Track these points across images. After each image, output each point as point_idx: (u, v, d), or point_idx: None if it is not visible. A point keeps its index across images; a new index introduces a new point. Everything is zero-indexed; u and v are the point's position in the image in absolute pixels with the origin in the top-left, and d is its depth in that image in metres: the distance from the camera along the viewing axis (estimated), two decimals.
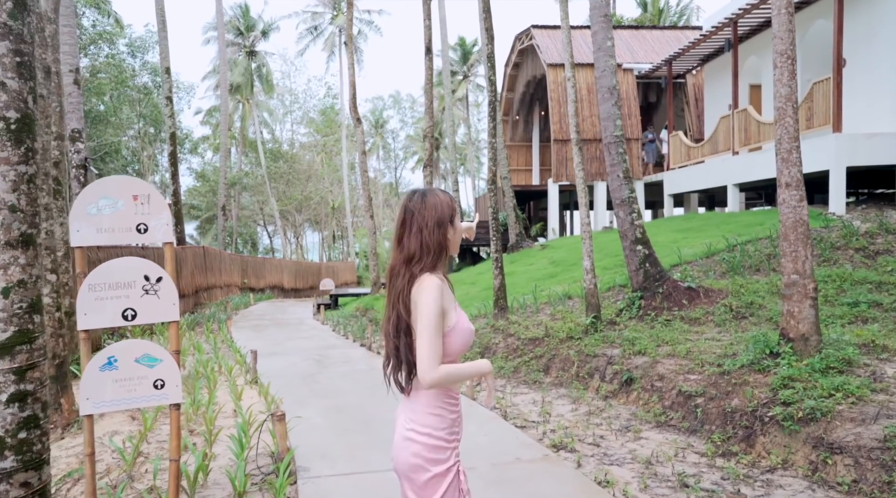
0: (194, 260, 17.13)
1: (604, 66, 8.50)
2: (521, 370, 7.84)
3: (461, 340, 2.04)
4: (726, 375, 5.51)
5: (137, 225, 2.92)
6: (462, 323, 2.06)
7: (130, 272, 2.89)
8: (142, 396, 2.91)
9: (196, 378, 7.31)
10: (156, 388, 2.93)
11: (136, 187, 2.92)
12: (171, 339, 3.01)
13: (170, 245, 2.99)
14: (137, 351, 2.91)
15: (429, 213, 2.10)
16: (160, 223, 2.96)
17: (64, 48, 11.34)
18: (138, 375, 2.90)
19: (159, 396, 2.94)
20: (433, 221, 2.09)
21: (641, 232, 8.48)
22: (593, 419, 5.84)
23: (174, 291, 2.97)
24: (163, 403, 2.97)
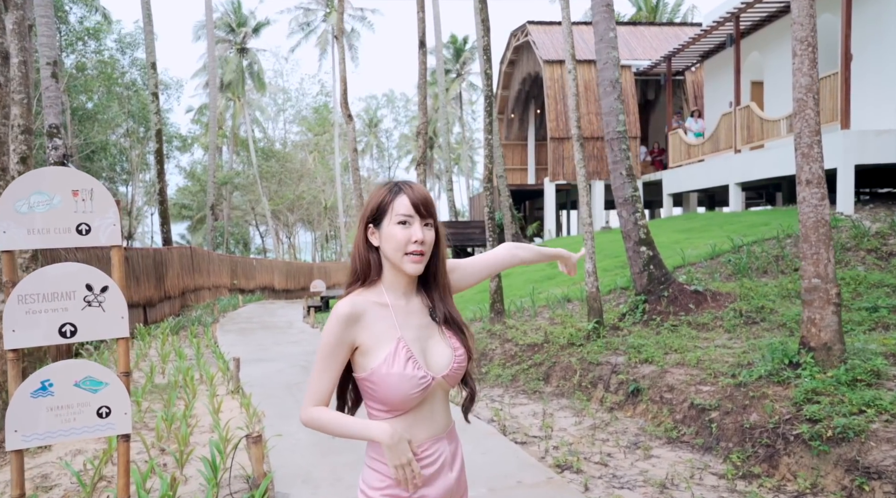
0: (181, 261, 16.64)
1: (606, 58, 8.09)
2: (520, 378, 7.42)
3: (388, 389, 1.58)
4: (742, 387, 5.11)
5: (78, 225, 2.49)
6: (390, 368, 1.57)
7: (70, 281, 2.45)
8: (83, 426, 2.47)
9: (174, 388, 6.85)
10: (100, 416, 2.49)
11: (76, 181, 2.48)
12: (119, 358, 2.58)
13: (118, 249, 2.55)
14: (78, 373, 2.48)
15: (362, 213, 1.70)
16: (105, 223, 2.52)
17: (41, 40, 10.87)
18: (79, 402, 2.46)
19: (104, 427, 2.50)
20: (360, 223, 1.69)
21: (645, 232, 8.08)
22: (599, 434, 5.43)
23: (122, 303, 2.53)
24: (108, 435, 2.53)
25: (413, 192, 1.64)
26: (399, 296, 1.68)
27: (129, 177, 32.96)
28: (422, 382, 1.59)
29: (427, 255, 1.64)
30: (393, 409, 1.61)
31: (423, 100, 11.55)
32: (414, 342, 1.63)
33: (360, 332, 1.61)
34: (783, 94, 13.28)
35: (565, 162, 18.53)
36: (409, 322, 1.65)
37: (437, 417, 1.68)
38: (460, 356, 1.68)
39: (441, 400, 1.69)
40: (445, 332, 1.70)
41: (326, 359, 1.61)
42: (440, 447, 1.68)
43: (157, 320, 14.11)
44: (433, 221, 1.66)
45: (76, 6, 25.76)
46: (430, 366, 1.64)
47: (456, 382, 1.71)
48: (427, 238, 1.63)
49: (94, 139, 26.49)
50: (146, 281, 13.60)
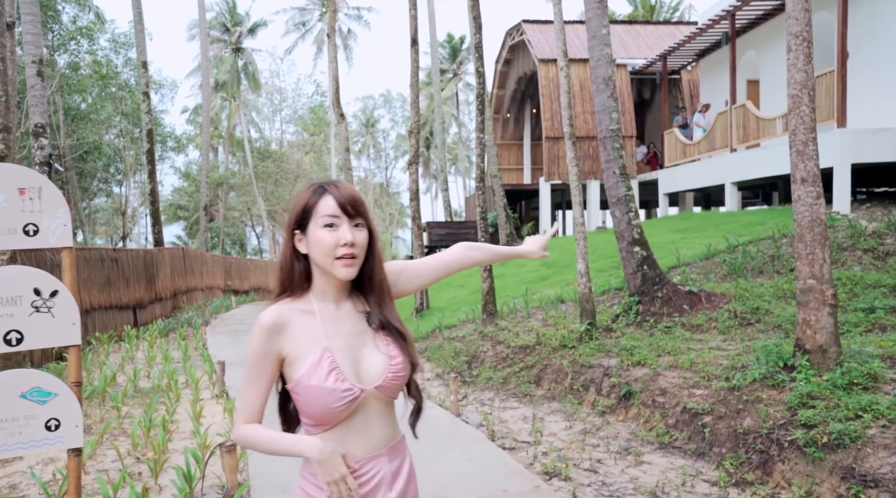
0: (172, 262, 16.48)
1: (599, 55, 7.96)
2: (511, 381, 7.28)
3: (310, 402, 1.48)
4: (736, 391, 4.97)
5: (25, 226, 2.34)
6: (311, 380, 1.47)
7: (15, 285, 2.30)
8: (29, 440, 2.32)
9: (157, 392, 6.70)
10: (49, 429, 2.34)
11: (22, 178, 2.33)
12: (70, 368, 2.43)
13: (69, 251, 2.40)
14: (24, 384, 2.33)
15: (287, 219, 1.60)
16: (55, 224, 2.37)
17: (27, 38, 10.72)
18: (25, 414, 2.32)
19: (53, 440, 2.35)
20: (286, 231, 1.59)
21: (639, 232, 7.95)
22: (589, 439, 5.29)
23: (74, 309, 2.39)
24: (58, 449, 2.39)
25: (339, 191, 1.54)
26: (329, 302, 1.58)
27: (123, 178, 32.78)
28: (345, 396, 1.48)
29: (360, 257, 1.54)
30: (319, 422, 1.51)
31: (415, 99, 11.41)
32: (343, 351, 1.52)
33: (285, 342, 1.52)
34: (779, 92, 13.16)
35: (560, 162, 18.40)
36: (338, 330, 1.55)
37: (372, 433, 1.56)
38: (397, 365, 1.56)
39: (378, 414, 1.57)
40: (383, 339, 1.59)
41: (253, 373, 1.53)
42: (377, 465, 1.56)
43: (148, 322, 13.95)
44: (364, 221, 1.56)
45: (69, 5, 25.58)
46: (362, 376, 1.53)
47: (394, 394, 1.59)
48: (358, 239, 1.52)
49: (88, 139, 26.30)
50: (136, 282, 13.44)
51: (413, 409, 1.68)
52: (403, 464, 1.63)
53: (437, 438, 5.35)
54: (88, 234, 33.73)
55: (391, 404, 1.60)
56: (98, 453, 4.94)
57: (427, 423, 5.83)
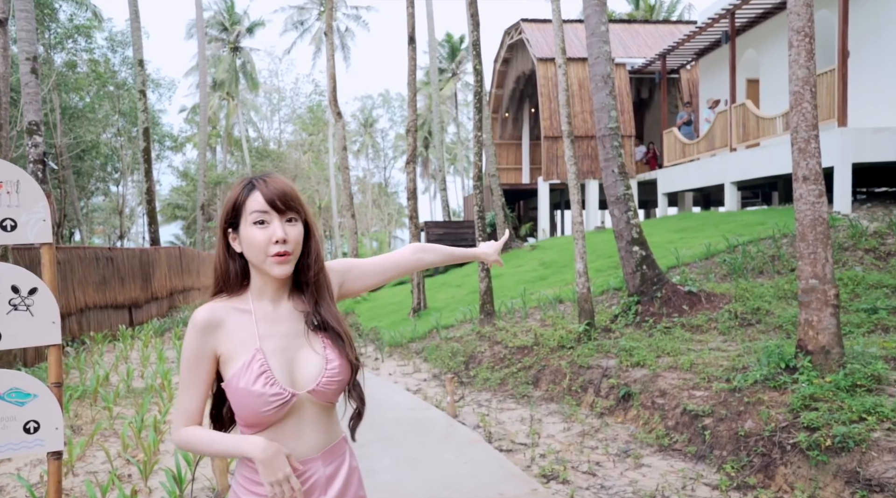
0: (168, 261, 16.39)
1: (598, 52, 7.88)
2: (509, 382, 7.20)
3: (239, 404, 1.44)
4: (737, 393, 4.89)
5: (2, 221, 2.25)
6: (240, 382, 1.42)
7: None
8: (7, 443, 2.23)
9: (150, 393, 6.61)
10: (27, 432, 2.26)
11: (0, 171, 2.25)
12: (50, 368, 2.34)
13: (48, 247, 2.32)
14: (1, 384, 2.24)
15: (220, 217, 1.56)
16: (34, 218, 2.28)
17: (20, 34, 10.61)
18: (3, 417, 2.23)
19: (32, 443, 2.27)
20: (219, 229, 1.55)
21: (638, 232, 7.87)
22: (588, 441, 5.21)
23: (54, 306, 2.30)
24: (37, 452, 2.30)
25: (267, 186, 1.48)
26: (266, 301, 1.53)
27: (120, 177, 32.66)
28: (273, 400, 1.43)
29: (295, 253, 1.49)
30: (250, 425, 1.46)
31: (412, 97, 11.33)
32: (276, 353, 1.47)
33: (220, 340, 1.47)
34: (779, 91, 13.09)
35: (559, 161, 18.32)
36: (273, 330, 1.50)
37: (306, 436, 1.50)
38: (333, 369, 1.50)
39: (314, 417, 1.51)
40: (322, 341, 1.53)
41: (189, 373, 1.48)
42: (312, 468, 1.50)
43: (143, 321, 13.86)
44: (298, 215, 1.50)
45: (66, 3, 25.46)
46: (296, 379, 1.48)
47: (330, 398, 1.52)
48: (291, 235, 1.46)
49: (85, 138, 26.18)
50: (132, 282, 13.34)
51: (353, 413, 1.62)
52: (341, 467, 1.58)
53: (432, 440, 5.27)
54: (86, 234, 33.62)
55: (329, 408, 1.55)
56: (88, 455, 4.85)
57: (423, 424, 5.76)
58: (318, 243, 1.57)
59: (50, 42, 24.78)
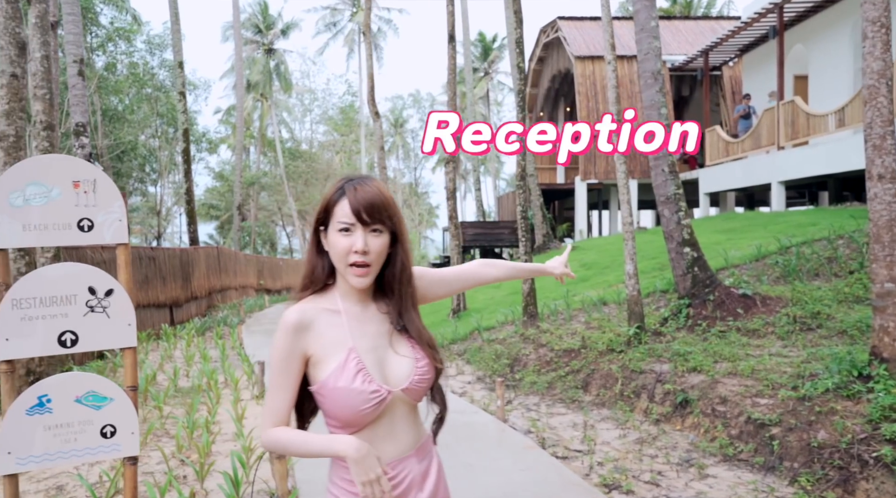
0: (207, 261, 16.56)
1: (647, 48, 7.68)
2: (557, 386, 7.04)
3: (336, 404, 1.45)
4: (806, 401, 4.67)
5: (79, 221, 2.20)
6: (338, 381, 1.44)
7: (70, 283, 2.17)
8: (84, 447, 2.18)
9: (197, 392, 6.62)
10: (104, 436, 2.20)
11: (77, 170, 2.19)
12: (126, 371, 2.28)
13: (124, 247, 2.26)
14: (79, 387, 2.19)
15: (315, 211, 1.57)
16: (110, 218, 2.23)
17: (68, 38, 10.80)
18: (80, 420, 2.18)
19: (109, 448, 2.21)
20: (312, 225, 1.58)
21: (689, 232, 7.65)
22: (646, 449, 5.04)
23: (130, 308, 2.24)
24: (113, 457, 2.24)
25: (356, 195, 1.47)
26: (354, 302, 1.54)
27: (158, 177, 33.24)
28: (373, 397, 1.45)
29: (375, 265, 1.49)
30: (346, 425, 1.48)
31: (452, 96, 11.23)
32: (368, 352, 1.50)
33: (310, 341, 1.48)
34: (830, 88, 12.68)
35: (597, 160, 18.05)
36: (364, 330, 1.52)
37: (400, 435, 1.54)
38: (422, 368, 1.53)
39: (405, 415, 1.54)
40: (408, 341, 1.56)
41: (279, 374, 1.48)
42: (406, 467, 1.53)
43: (184, 321, 14.01)
44: (384, 226, 1.49)
45: (107, 7, 25.98)
46: (388, 378, 1.50)
47: (419, 397, 1.56)
48: (373, 247, 1.47)
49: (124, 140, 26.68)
50: (172, 281, 13.50)
51: (437, 417, 1.65)
52: (432, 464, 1.61)
53: (485, 445, 5.16)
54: None
55: (416, 406, 1.58)
56: (142, 455, 4.84)
57: (473, 428, 5.64)
58: (407, 254, 1.56)
59: (91, 45, 25.32)
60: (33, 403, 2.14)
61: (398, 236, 1.53)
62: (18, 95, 4.57)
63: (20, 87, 4.61)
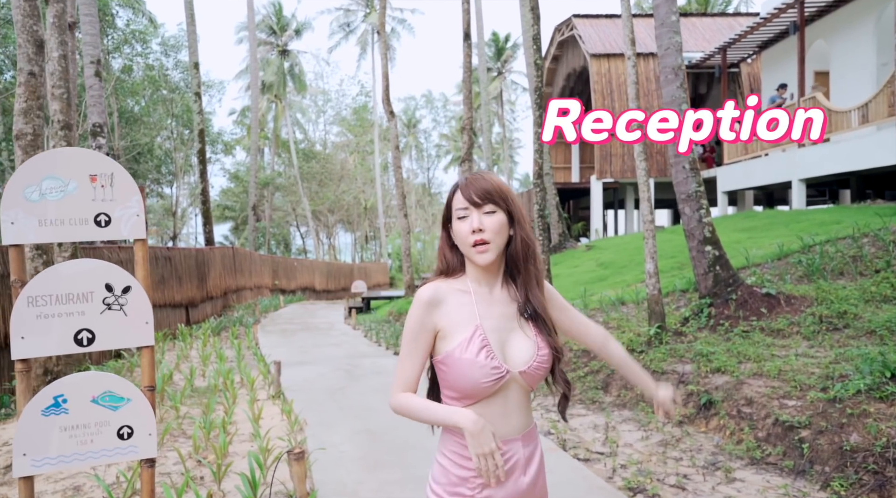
0: (223, 261, 16.60)
1: (668, 43, 7.55)
2: (576, 386, 6.93)
3: (458, 374, 1.55)
4: (837, 403, 4.53)
5: (96, 216, 2.14)
6: (463, 353, 1.54)
7: (87, 280, 2.11)
8: (101, 449, 2.12)
9: (213, 392, 6.59)
10: (121, 438, 2.14)
11: (94, 164, 2.13)
12: (143, 371, 2.22)
13: (142, 243, 2.20)
14: (95, 387, 2.13)
15: None
16: (128, 213, 2.17)
17: (85, 38, 10.84)
18: (96, 421, 2.12)
19: (126, 450, 2.15)
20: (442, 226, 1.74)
21: (711, 231, 7.51)
22: (670, 452, 4.92)
23: (147, 306, 2.18)
24: (130, 459, 2.18)
25: (467, 184, 1.62)
26: (483, 285, 1.64)
27: (173, 179, 33.46)
28: (494, 373, 1.54)
29: (494, 242, 1.59)
30: (464, 396, 1.57)
31: (467, 94, 11.15)
32: (493, 332, 1.59)
33: (441, 316, 1.59)
34: (852, 83, 12.45)
35: (613, 159, 17.89)
36: (490, 311, 1.61)
37: (511, 416, 1.61)
38: (543, 355, 1.62)
39: (518, 398, 1.62)
40: (532, 328, 1.65)
41: (410, 344, 1.60)
42: (513, 448, 1.60)
43: (200, 320, 14.04)
44: (498, 207, 1.61)
45: (123, 9, 26.16)
46: (508, 359, 1.59)
47: (535, 382, 1.63)
48: (487, 224, 1.58)
49: (141, 141, 26.87)
50: (188, 281, 13.53)
51: (562, 395, 1.74)
52: (536, 450, 1.68)
53: None
54: None
55: (528, 393, 1.64)
56: (159, 455, 4.81)
57: None
58: (527, 233, 1.65)
59: (108, 48, 25.51)
60: (49, 403, 2.09)
61: (515, 217, 1.63)
62: (36, 93, 4.55)
63: (38, 85, 4.60)
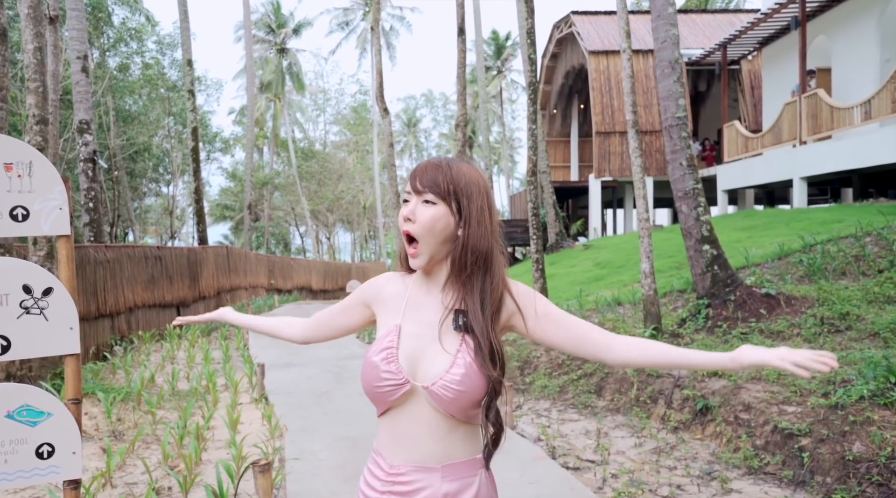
0: (216, 260, 16.39)
1: (664, 36, 7.32)
2: (569, 390, 6.72)
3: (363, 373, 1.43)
4: (839, 410, 4.31)
5: (12, 209, 1.92)
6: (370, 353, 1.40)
7: (1, 281, 1.89)
8: (16, 470, 1.91)
9: (194, 396, 6.38)
10: (40, 457, 1.93)
11: (8, 152, 1.92)
12: (67, 382, 2.01)
13: (65, 240, 1.98)
14: (11, 401, 1.92)
15: None
16: (49, 206, 1.95)
17: (71, 33, 10.65)
18: (11, 439, 1.90)
19: (46, 470, 1.94)
20: None
21: (709, 229, 7.28)
22: (664, 460, 4.70)
23: (72, 310, 1.97)
24: (51, 481, 1.97)
25: (419, 167, 1.42)
26: (420, 285, 1.46)
27: (171, 178, 33.26)
28: (386, 377, 1.36)
29: (424, 239, 1.36)
30: (370, 398, 1.42)
31: (462, 90, 10.92)
32: (411, 338, 1.39)
33: (378, 304, 1.51)
34: (853, 80, 12.21)
35: (612, 157, 17.66)
36: (417, 315, 1.42)
37: (420, 439, 1.37)
38: (454, 376, 1.32)
39: (430, 421, 1.37)
40: (461, 344, 1.35)
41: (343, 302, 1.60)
42: (424, 479, 1.36)
43: None
44: (440, 199, 1.36)
45: (119, 7, 25.95)
46: (416, 370, 1.36)
47: (449, 407, 1.34)
48: (419, 215, 1.36)
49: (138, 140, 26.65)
50: (180, 281, 13.33)
51: (490, 437, 1.44)
52: (465, 490, 1.38)
53: None
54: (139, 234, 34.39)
55: (449, 419, 1.37)
56: (128, 463, 4.60)
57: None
58: (479, 237, 1.38)
59: (104, 45, 25.31)
60: None
61: (464, 216, 1.37)
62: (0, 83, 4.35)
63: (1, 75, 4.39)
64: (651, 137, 17.80)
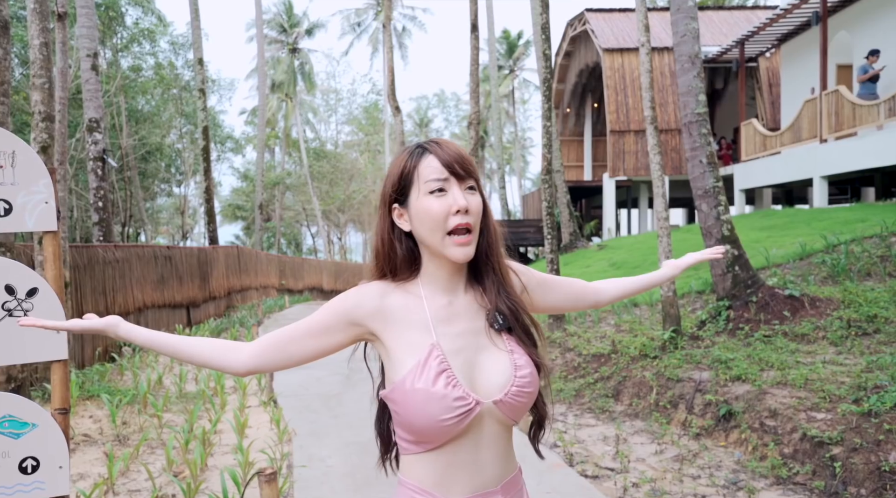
0: (227, 260, 16.33)
1: (684, 29, 7.12)
2: (585, 394, 6.53)
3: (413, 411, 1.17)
4: (872, 417, 4.10)
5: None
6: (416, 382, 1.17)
7: None
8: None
9: (201, 399, 6.25)
10: (24, 472, 1.78)
11: None
12: (54, 390, 1.86)
13: (52, 236, 1.83)
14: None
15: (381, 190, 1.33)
16: (33, 200, 1.80)
17: (81, 31, 10.59)
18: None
19: (30, 486, 1.79)
20: (381, 205, 1.32)
21: (729, 229, 7.07)
22: (687, 468, 4.51)
23: (59, 311, 1.82)
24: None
25: (442, 149, 1.23)
26: (439, 293, 1.27)
27: (183, 178, 33.35)
28: (458, 405, 1.17)
29: (476, 230, 1.22)
30: (421, 439, 1.20)
31: (474, 88, 10.76)
32: (455, 353, 1.22)
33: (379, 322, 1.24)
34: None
35: (626, 156, 17.41)
36: (451, 326, 1.24)
37: (484, 463, 1.24)
38: (523, 378, 1.23)
39: (495, 438, 1.24)
40: (507, 342, 1.26)
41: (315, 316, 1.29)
42: None
43: (201, 321, 13.77)
44: (478, 185, 1.25)
45: (132, 8, 26.02)
46: (477, 386, 1.22)
47: (518, 414, 1.25)
48: (473, 205, 1.21)
49: (150, 140, 26.70)
50: (190, 281, 13.25)
51: (534, 422, 1.40)
52: None
53: None
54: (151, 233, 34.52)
55: (509, 429, 1.29)
56: (132, 469, 4.47)
57: None
58: (496, 224, 1.31)
59: (117, 46, 25.39)
60: None
61: (485, 203, 1.28)
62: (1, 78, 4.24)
63: (3, 69, 4.29)
64: (666, 136, 17.54)
